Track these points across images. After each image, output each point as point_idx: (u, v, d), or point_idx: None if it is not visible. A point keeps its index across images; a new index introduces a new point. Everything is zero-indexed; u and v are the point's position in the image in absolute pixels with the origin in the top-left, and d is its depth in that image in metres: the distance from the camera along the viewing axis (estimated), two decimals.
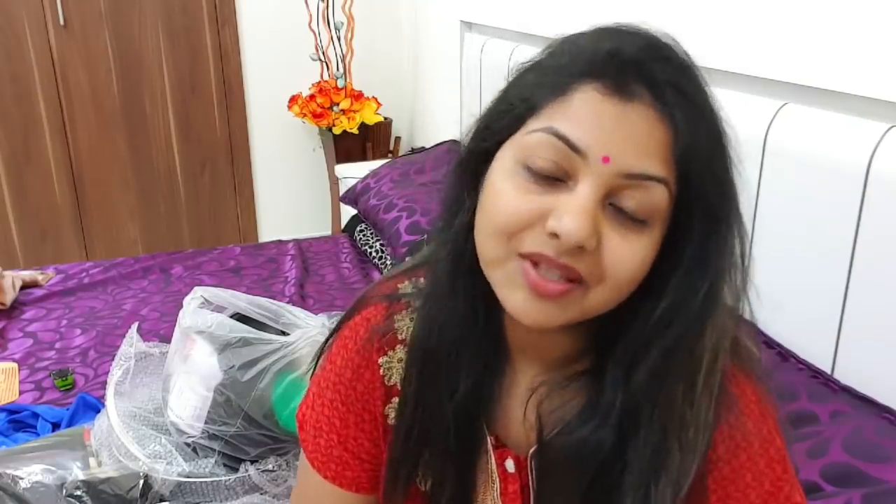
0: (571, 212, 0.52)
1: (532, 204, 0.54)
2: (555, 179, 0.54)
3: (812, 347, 1.17)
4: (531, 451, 0.66)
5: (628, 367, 0.58)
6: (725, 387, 0.60)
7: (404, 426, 0.67)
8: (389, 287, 0.71)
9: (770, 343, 1.22)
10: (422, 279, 0.67)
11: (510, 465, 0.68)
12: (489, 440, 0.67)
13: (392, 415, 0.69)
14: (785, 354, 1.18)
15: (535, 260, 0.54)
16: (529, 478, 0.67)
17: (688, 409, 0.57)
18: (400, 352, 0.68)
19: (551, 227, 0.52)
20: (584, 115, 0.53)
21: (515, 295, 0.55)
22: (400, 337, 0.68)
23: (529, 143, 0.54)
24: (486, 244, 0.57)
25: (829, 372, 1.14)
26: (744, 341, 0.63)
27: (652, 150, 0.52)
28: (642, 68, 0.53)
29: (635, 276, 0.55)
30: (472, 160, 0.60)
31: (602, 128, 0.52)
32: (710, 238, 0.55)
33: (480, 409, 0.65)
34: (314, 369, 0.75)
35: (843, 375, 1.12)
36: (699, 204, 0.54)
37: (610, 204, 0.53)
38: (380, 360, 0.69)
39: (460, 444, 0.66)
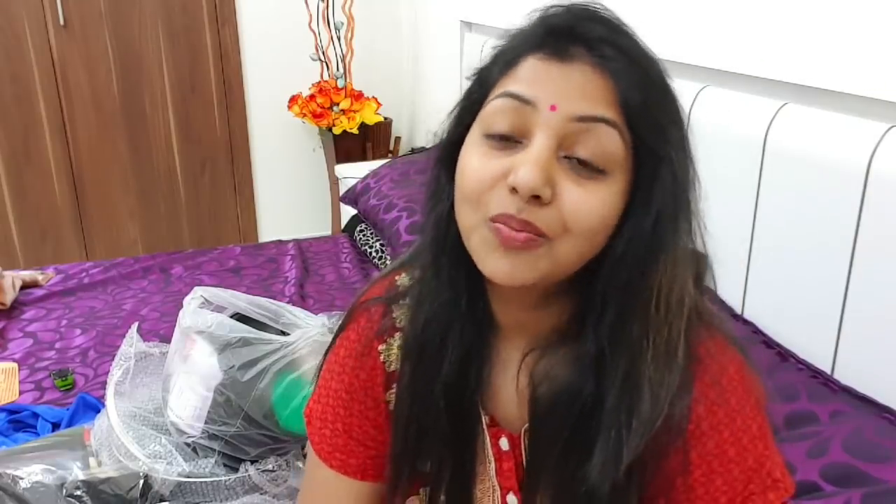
0: (525, 163, 0.55)
1: (493, 167, 0.57)
2: (513, 141, 0.58)
3: (812, 347, 1.17)
4: (524, 427, 0.68)
5: (598, 316, 0.60)
6: (705, 360, 0.61)
7: (402, 421, 0.69)
8: (387, 282, 0.74)
9: (770, 343, 1.22)
10: (417, 271, 0.69)
11: (504, 443, 0.69)
12: (484, 419, 0.69)
13: (392, 401, 0.71)
14: (785, 354, 1.18)
15: (500, 221, 0.57)
16: (523, 456, 0.69)
17: (648, 346, 0.59)
18: (398, 339, 0.71)
19: (510, 182, 0.56)
20: (530, 75, 0.58)
21: (490, 257, 0.58)
22: (398, 325, 0.71)
23: (487, 112, 0.60)
24: (461, 214, 0.60)
25: (829, 372, 1.14)
26: (714, 313, 0.65)
27: (596, 96, 0.56)
28: (575, 31, 0.58)
29: (598, 225, 0.57)
30: (447, 150, 0.64)
31: (547, 83, 0.57)
32: (654, 178, 0.58)
33: (474, 390, 0.67)
34: (320, 370, 0.77)
35: (843, 375, 1.12)
36: (643, 147, 0.57)
37: (566, 157, 0.57)
38: (380, 348, 0.72)
39: (456, 427, 0.68)
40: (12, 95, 2.89)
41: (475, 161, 0.59)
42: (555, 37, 0.58)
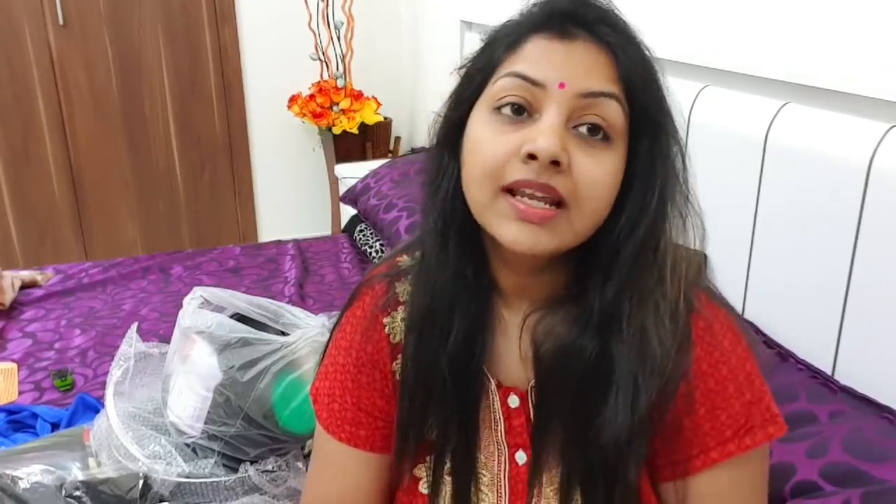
0: (543, 133, 0.59)
1: (507, 142, 0.61)
2: (524, 116, 0.61)
3: (812, 347, 1.17)
4: (531, 383, 0.71)
5: (604, 277, 0.64)
6: (698, 307, 0.67)
7: (408, 388, 0.72)
8: (389, 265, 0.77)
9: (770, 343, 1.22)
10: (418, 252, 0.72)
11: (514, 400, 0.72)
12: (492, 382, 0.72)
13: (398, 371, 0.74)
14: (785, 354, 1.18)
15: (518, 188, 0.60)
16: (532, 410, 0.71)
17: (661, 300, 0.64)
18: (402, 312, 0.74)
19: (527, 149, 0.59)
20: (537, 56, 0.62)
21: (508, 228, 0.61)
22: (401, 300, 0.74)
23: (495, 91, 0.63)
24: (474, 191, 0.63)
25: (829, 372, 1.14)
26: (708, 279, 0.71)
27: (599, 73, 0.61)
28: (575, 14, 0.62)
29: (608, 190, 0.61)
30: (448, 130, 0.67)
31: (554, 62, 0.61)
32: (655, 146, 0.63)
33: (479, 357, 0.70)
34: (326, 348, 0.80)
35: (844, 375, 1.12)
36: (643, 119, 0.62)
37: (574, 128, 0.61)
38: (384, 321, 0.75)
39: (462, 391, 0.70)
40: (12, 95, 2.89)
41: (488, 136, 0.62)
42: (557, 19, 0.62)
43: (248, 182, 3.26)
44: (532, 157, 0.59)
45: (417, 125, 3.22)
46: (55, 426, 1.37)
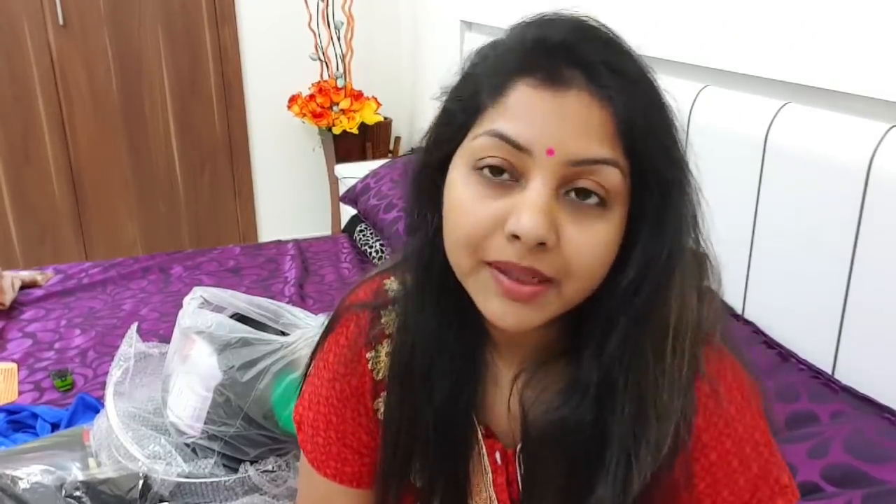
0: (527, 210, 0.52)
1: (490, 210, 0.54)
2: (508, 180, 0.54)
3: (812, 347, 1.17)
4: (519, 446, 0.67)
5: (600, 342, 0.58)
6: (704, 369, 0.60)
7: (391, 441, 0.68)
8: (375, 285, 0.72)
9: (770, 343, 1.22)
10: (406, 275, 0.67)
11: (497, 457, 0.69)
12: (480, 431, 0.68)
13: (381, 409, 0.70)
14: (785, 354, 1.18)
15: (501, 268, 0.54)
16: (518, 472, 0.68)
17: (660, 375, 0.57)
18: (386, 346, 0.69)
19: (511, 229, 0.53)
20: (522, 111, 0.53)
21: (491, 302, 0.56)
22: (387, 332, 0.69)
23: (476, 148, 0.55)
24: (455, 257, 0.58)
25: (829, 372, 1.14)
26: (718, 323, 0.63)
27: (594, 133, 0.53)
28: (572, 52, 0.53)
29: (601, 263, 0.55)
30: (427, 174, 0.61)
31: (541, 121, 0.53)
32: (665, 205, 0.56)
33: (465, 410, 0.66)
34: (307, 371, 0.76)
35: (844, 375, 1.12)
36: (650, 174, 0.55)
37: (566, 193, 0.54)
38: (367, 356, 0.70)
39: (447, 447, 0.66)
40: (12, 95, 2.89)
41: (468, 200, 0.55)
42: (548, 58, 0.53)
43: (248, 182, 3.26)
44: (516, 236, 0.52)
45: (417, 125, 3.22)
46: (55, 426, 1.37)
